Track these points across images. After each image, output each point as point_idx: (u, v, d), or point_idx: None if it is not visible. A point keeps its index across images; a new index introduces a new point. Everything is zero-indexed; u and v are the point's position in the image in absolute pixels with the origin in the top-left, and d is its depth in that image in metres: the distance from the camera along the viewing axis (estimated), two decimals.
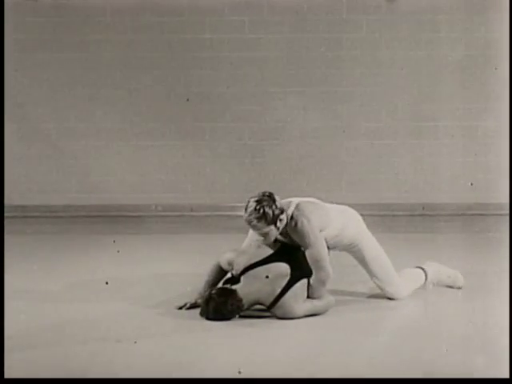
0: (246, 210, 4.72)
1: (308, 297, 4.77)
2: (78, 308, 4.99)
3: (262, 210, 4.67)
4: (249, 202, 4.74)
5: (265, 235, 4.76)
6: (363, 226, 5.06)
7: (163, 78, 8.00)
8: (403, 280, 5.10)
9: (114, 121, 8.05)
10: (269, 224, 4.71)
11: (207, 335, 4.51)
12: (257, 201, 4.70)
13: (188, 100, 7.99)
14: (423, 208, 8.11)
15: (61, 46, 7.92)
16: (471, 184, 7.93)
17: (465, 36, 7.88)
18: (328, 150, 8.06)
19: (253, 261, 4.76)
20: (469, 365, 4.01)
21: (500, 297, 5.01)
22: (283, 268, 4.74)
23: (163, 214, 8.08)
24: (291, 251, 4.79)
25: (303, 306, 4.74)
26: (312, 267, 4.75)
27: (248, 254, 4.81)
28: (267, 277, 4.71)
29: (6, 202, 6.73)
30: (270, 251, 4.81)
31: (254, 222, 4.69)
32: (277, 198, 4.77)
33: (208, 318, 4.71)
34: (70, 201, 8.09)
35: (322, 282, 4.76)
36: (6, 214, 5.75)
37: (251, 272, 4.74)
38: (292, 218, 4.77)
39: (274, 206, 4.71)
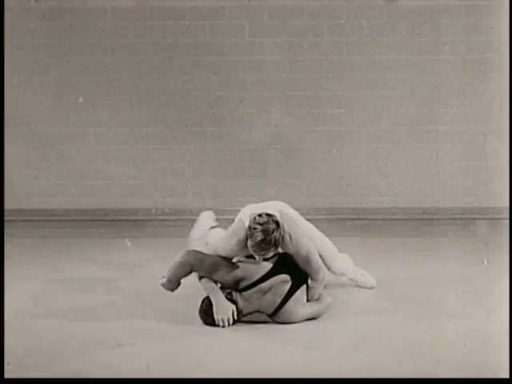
0: (251, 236, 4.53)
1: (307, 300, 4.79)
2: (77, 310, 5.00)
3: (273, 241, 4.54)
4: (255, 228, 4.52)
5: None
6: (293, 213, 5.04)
7: (163, 81, 7.99)
8: (343, 255, 5.25)
9: (114, 124, 8.04)
10: (277, 248, 4.65)
11: (207, 338, 4.51)
12: (264, 230, 4.52)
13: (188, 105, 7.99)
14: (423, 212, 8.10)
15: (61, 49, 7.92)
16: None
17: (465, 39, 7.89)
18: (328, 154, 8.05)
19: (255, 278, 4.73)
20: (469, 365, 4.01)
21: (500, 298, 5.01)
22: (281, 276, 4.75)
23: (163, 217, 8.08)
24: (289, 260, 4.78)
25: (303, 311, 4.76)
26: (309, 271, 4.76)
27: (237, 269, 4.74)
28: None
29: (6, 205, 6.71)
30: (265, 264, 4.77)
31: (264, 251, 4.59)
32: (279, 219, 4.62)
33: (206, 323, 4.72)
34: (69, 205, 8.08)
35: (321, 282, 4.81)
36: (5, 218, 5.73)
37: None
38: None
39: (282, 231, 4.59)
